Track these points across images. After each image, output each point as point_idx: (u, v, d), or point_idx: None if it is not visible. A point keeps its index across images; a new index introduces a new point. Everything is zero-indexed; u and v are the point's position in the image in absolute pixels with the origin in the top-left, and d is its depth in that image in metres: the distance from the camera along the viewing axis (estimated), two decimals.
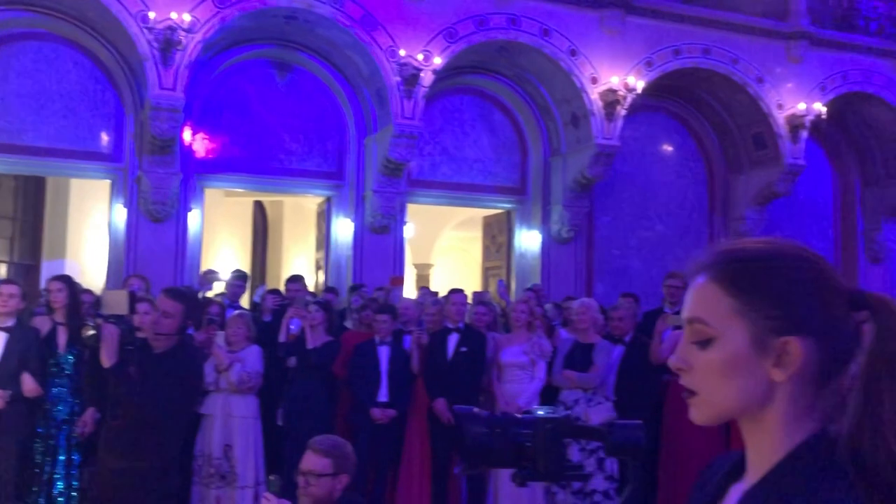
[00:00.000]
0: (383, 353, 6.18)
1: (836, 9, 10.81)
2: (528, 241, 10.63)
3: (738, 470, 1.06)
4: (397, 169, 9.30)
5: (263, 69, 9.69)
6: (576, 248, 10.55)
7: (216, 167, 9.42)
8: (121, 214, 8.98)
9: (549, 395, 6.06)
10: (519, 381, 6.03)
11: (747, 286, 0.99)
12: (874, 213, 11.94)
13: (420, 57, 8.97)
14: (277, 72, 9.72)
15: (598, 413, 5.63)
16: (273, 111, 9.64)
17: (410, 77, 8.89)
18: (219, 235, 12.47)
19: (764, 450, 1.00)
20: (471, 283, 11.48)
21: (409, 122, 8.96)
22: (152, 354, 3.87)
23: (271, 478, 3.03)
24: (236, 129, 9.49)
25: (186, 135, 9.07)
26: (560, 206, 10.26)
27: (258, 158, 9.59)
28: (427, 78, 9.03)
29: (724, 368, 0.99)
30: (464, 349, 6.18)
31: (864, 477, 0.93)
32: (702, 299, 1.03)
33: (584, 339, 5.97)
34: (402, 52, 8.92)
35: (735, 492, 1.04)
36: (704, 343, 1.01)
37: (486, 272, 11.45)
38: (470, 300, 7.34)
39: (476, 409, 1.14)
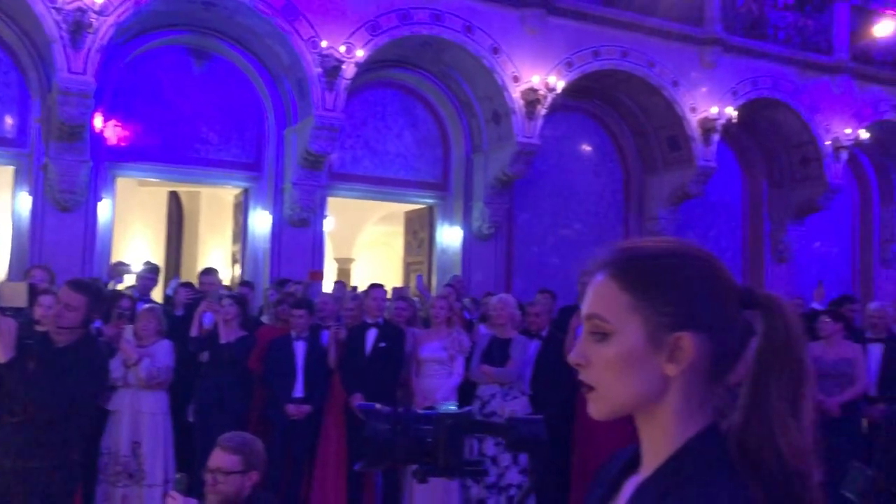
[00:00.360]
0: (299, 348, 6.10)
1: (747, 17, 11.21)
2: (450, 236, 10.67)
3: (634, 463, 1.08)
4: (317, 161, 9.19)
5: (180, 56, 9.42)
6: (496, 244, 10.66)
7: (129, 155, 9.11)
8: (25, 203, 8.59)
9: (467, 390, 6.10)
10: (437, 377, 6.05)
11: (643, 283, 1.01)
12: (780, 215, 12.45)
13: (342, 49, 8.88)
14: (195, 59, 9.46)
15: (514, 407, 5.70)
16: (189, 99, 9.38)
17: (332, 69, 8.79)
18: (132, 226, 12.06)
19: (657, 443, 1.02)
20: (393, 278, 11.46)
21: (330, 115, 8.86)
22: (53, 348, 3.70)
23: (178, 476, 2.96)
24: (150, 116, 9.20)
25: (97, 121, 8.73)
26: (481, 202, 10.34)
27: (173, 147, 9.32)
28: (349, 70, 8.95)
29: (620, 363, 1.01)
30: (382, 344, 6.16)
31: (752, 470, 0.96)
32: (600, 296, 1.04)
33: (502, 334, 6.03)
34: (323, 44, 8.81)
35: (630, 485, 1.06)
36: (602, 339, 1.02)
37: (408, 267, 11.44)
38: (390, 296, 7.31)
39: (378, 406, 1.13)
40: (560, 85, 9.84)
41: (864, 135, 11.88)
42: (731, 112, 10.83)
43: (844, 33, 11.82)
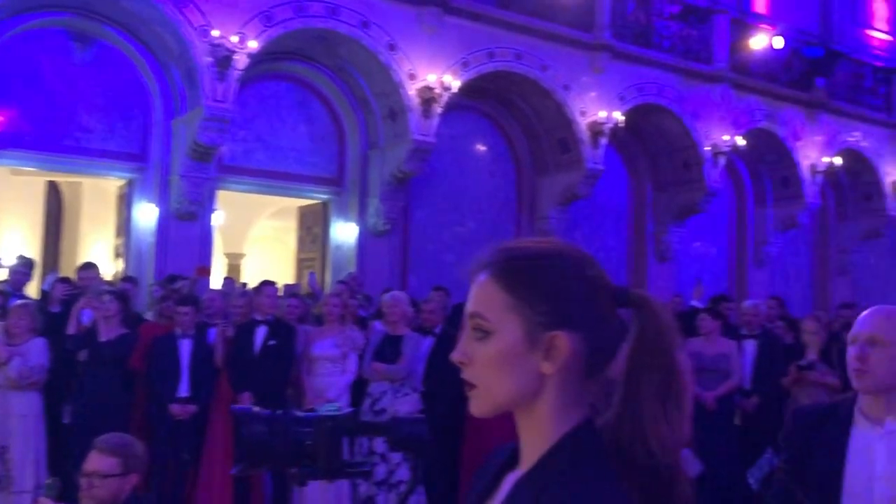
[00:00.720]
0: (185, 346, 5.90)
1: (635, 25, 11.61)
2: (345, 233, 10.58)
3: (514, 459, 1.10)
4: (206, 153, 8.92)
5: (60, 40, 8.94)
6: (391, 241, 10.64)
7: (1, 142, 8.56)
8: None
9: (361, 388, 6.05)
10: (329, 375, 5.98)
11: (521, 283, 1.03)
12: (663, 216, 12.98)
13: (234, 39, 8.64)
14: (77, 43, 9.00)
15: (405, 404, 5.71)
16: (70, 85, 8.92)
17: (223, 59, 8.54)
18: (5, 218, 11.36)
19: (535, 440, 1.04)
20: (285, 275, 11.25)
21: (220, 106, 8.61)
22: None
23: (48, 481, 2.80)
24: (27, 102, 8.68)
25: None
26: (377, 199, 10.30)
27: (51, 135, 8.83)
28: (241, 61, 8.73)
29: (499, 362, 1.02)
30: (272, 342, 6.04)
31: (624, 464, 0.99)
32: (481, 295, 1.05)
33: (394, 331, 6.03)
34: (215, 33, 8.55)
35: (509, 480, 1.08)
36: (483, 337, 1.04)
37: (301, 263, 11.27)
38: (282, 293, 7.18)
39: (255, 408, 1.10)
40: (456, 84, 9.92)
41: (740, 141, 12.54)
42: (619, 117, 11.20)
43: (724, 44, 12.44)
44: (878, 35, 16.62)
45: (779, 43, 12.77)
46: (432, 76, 9.74)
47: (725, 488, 6.48)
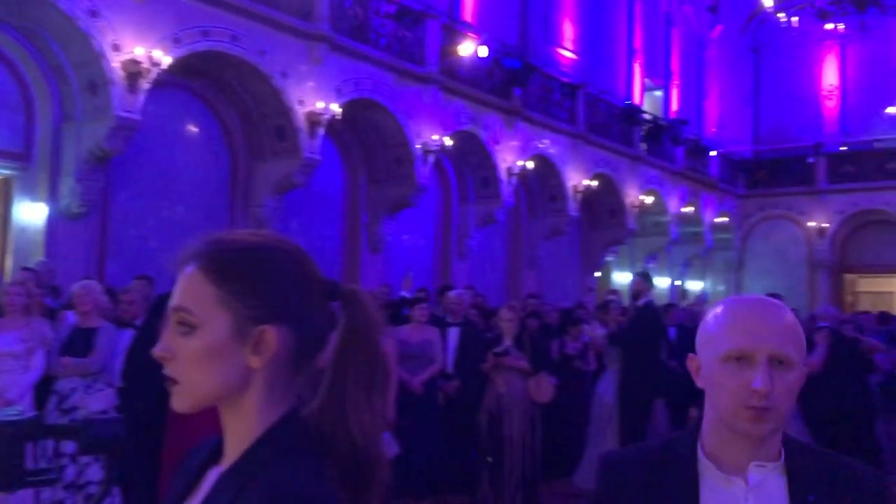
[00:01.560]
0: None
1: (353, 19, 11.80)
2: (31, 214, 9.49)
3: (218, 454, 1.08)
4: None
5: None
6: (88, 225, 9.76)
7: None
8: None
9: (48, 385, 5.50)
10: (11, 373, 5.35)
11: (231, 277, 1.02)
12: (376, 209, 13.39)
13: None
14: None
15: (98, 401, 5.29)
16: None
17: None
18: None
19: (241, 433, 1.03)
20: None
21: None
22: None
23: None
24: None
25: None
26: (71, 178, 9.38)
27: None
28: None
29: (204, 357, 1.00)
30: None
31: (327, 453, 1.03)
32: (188, 289, 1.03)
33: (86, 323, 5.56)
34: None
35: (212, 475, 1.06)
36: (188, 332, 1.01)
37: None
38: None
39: None
40: (166, 60, 9.35)
41: (448, 142, 13.33)
42: (336, 109, 11.33)
43: (435, 48, 13.11)
44: (566, 53, 18.59)
45: (483, 52, 13.74)
46: (140, 49, 9.09)
47: (427, 466, 6.88)
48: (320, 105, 11.08)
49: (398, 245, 14.02)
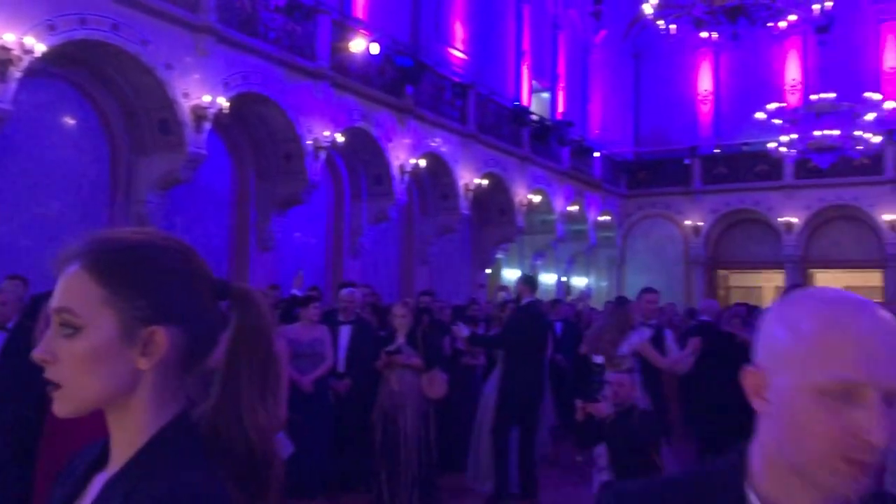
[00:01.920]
0: None
1: (241, 12, 11.52)
2: None
3: (103, 460, 1.05)
4: None
5: None
6: None
7: None
8: None
9: None
10: None
11: (117, 276, 1.00)
12: (266, 206, 13.13)
13: None
14: None
15: None
16: None
17: None
18: None
19: (128, 437, 1.01)
20: None
21: None
22: None
23: None
24: None
25: None
26: None
27: None
28: None
29: (89, 359, 0.98)
30: None
31: (221, 453, 1.02)
32: (71, 289, 1.00)
33: None
34: None
35: (98, 482, 1.03)
36: (72, 333, 0.98)
37: None
38: None
39: None
40: (40, 48, 8.86)
41: (339, 138, 13.23)
42: (224, 102, 11.04)
43: (326, 43, 12.98)
44: (457, 54, 18.80)
45: (375, 49, 13.71)
46: (10, 36, 8.57)
47: (318, 465, 6.83)
48: (207, 98, 10.77)
49: (288, 243, 13.81)
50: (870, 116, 16.79)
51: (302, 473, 6.42)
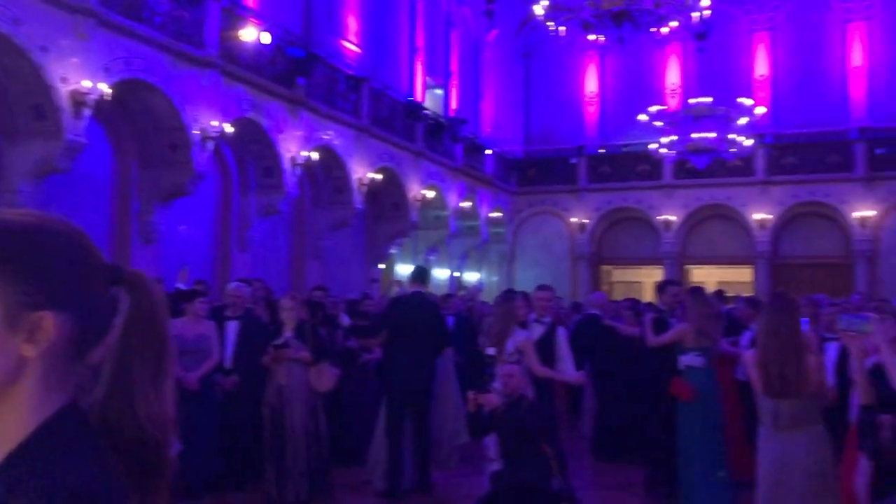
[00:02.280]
0: None
1: None
2: None
3: None
4: None
5: None
6: None
7: None
8: None
9: None
10: None
11: (1, 260, 0.95)
12: (149, 197, 12.64)
13: None
14: None
15: None
16: None
17: None
18: None
19: (11, 428, 0.97)
20: None
21: None
22: None
23: None
24: None
25: None
26: None
27: None
28: None
29: None
30: None
31: (112, 441, 0.99)
32: None
33: None
34: None
35: None
36: None
37: None
38: None
39: None
40: None
41: (228, 129, 12.88)
42: (105, 89, 10.55)
43: (215, 31, 12.61)
44: (351, 47, 18.67)
45: (266, 38, 13.44)
46: None
47: (205, 464, 6.66)
48: (86, 84, 10.25)
49: (173, 235, 13.35)
50: (743, 120, 17.80)
51: (187, 473, 6.24)
